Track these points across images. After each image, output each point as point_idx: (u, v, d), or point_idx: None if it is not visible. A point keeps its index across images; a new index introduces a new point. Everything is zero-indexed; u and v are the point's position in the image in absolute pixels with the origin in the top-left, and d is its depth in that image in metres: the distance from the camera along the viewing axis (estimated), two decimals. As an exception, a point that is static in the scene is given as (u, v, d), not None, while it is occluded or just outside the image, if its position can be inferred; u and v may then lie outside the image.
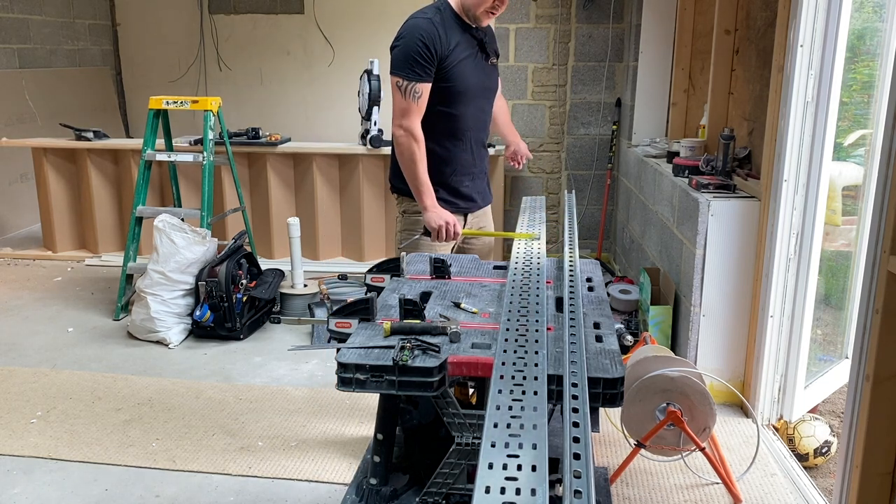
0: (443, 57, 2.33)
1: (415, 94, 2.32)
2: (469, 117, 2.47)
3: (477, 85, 2.46)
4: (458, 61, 2.37)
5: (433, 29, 2.30)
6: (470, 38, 2.42)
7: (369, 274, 2.15)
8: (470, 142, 2.52)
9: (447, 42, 2.33)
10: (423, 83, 2.32)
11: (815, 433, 2.73)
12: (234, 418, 3.00)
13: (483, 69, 2.48)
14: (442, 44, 2.31)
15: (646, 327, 3.41)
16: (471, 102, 2.46)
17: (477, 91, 2.46)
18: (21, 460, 2.69)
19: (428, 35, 2.29)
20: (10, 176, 5.84)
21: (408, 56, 2.29)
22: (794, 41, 2.55)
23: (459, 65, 2.37)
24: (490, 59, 2.52)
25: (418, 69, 2.30)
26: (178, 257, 3.74)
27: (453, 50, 2.35)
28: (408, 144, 2.36)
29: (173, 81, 6.71)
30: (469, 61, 2.41)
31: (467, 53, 2.40)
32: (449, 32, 2.35)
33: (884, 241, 1.62)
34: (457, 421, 1.56)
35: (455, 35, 2.37)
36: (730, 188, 3.00)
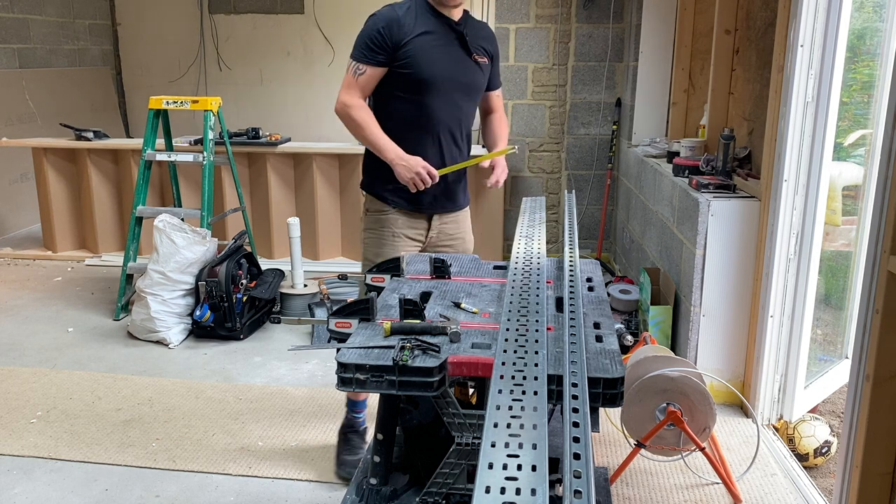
0: (401, 43, 2.30)
1: (357, 70, 2.33)
2: (438, 110, 2.38)
3: (447, 76, 2.37)
4: (423, 48, 2.32)
5: (393, 15, 2.31)
6: (447, 29, 2.37)
7: (369, 274, 2.15)
8: (438, 137, 2.42)
9: (410, 29, 2.30)
10: (368, 65, 2.32)
11: (815, 433, 2.73)
12: (234, 418, 3.00)
13: (459, 62, 2.40)
14: (402, 30, 2.29)
15: (646, 327, 3.41)
16: (439, 94, 2.37)
17: (447, 83, 2.37)
18: (21, 460, 2.69)
19: (384, 21, 2.30)
20: (10, 176, 5.84)
21: (361, 40, 2.33)
22: (794, 41, 2.55)
23: (423, 52, 2.32)
24: (473, 55, 2.42)
25: (366, 51, 2.31)
26: (178, 257, 3.74)
27: (417, 36, 2.31)
28: (346, 113, 2.35)
29: (173, 81, 6.71)
30: (438, 50, 2.35)
31: (437, 43, 2.34)
32: (416, 20, 2.32)
33: (884, 241, 1.62)
34: (457, 421, 1.56)
35: (425, 23, 2.33)
36: (730, 188, 3.00)
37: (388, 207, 2.46)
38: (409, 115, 2.39)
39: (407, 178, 2.32)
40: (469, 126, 2.53)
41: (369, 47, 2.31)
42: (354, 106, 2.34)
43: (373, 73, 2.34)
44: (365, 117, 2.35)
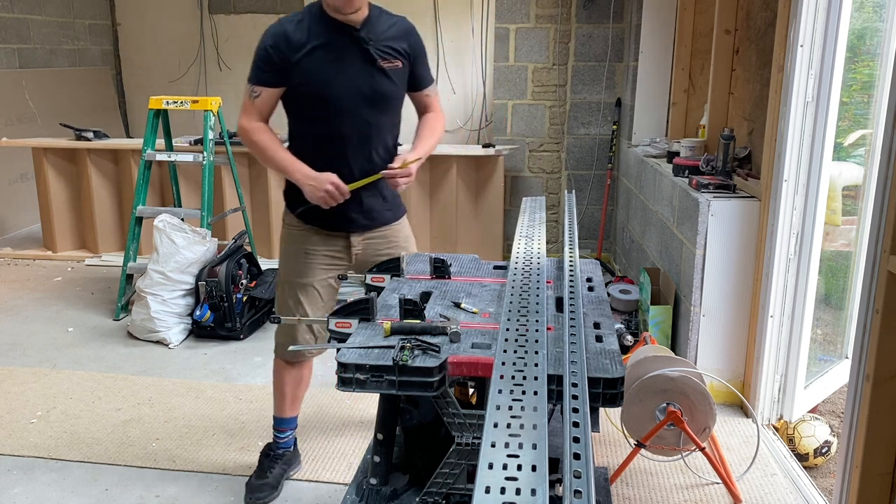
0: (293, 60, 2.14)
1: (252, 93, 2.21)
2: (344, 127, 2.22)
3: (348, 91, 2.18)
4: (317, 64, 2.15)
5: (281, 31, 2.15)
6: (345, 37, 2.16)
7: (369, 274, 2.15)
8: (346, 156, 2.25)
9: (301, 44, 2.13)
10: (261, 86, 2.19)
11: (815, 433, 2.73)
12: (234, 418, 3.00)
13: (361, 73, 2.19)
14: (291, 46, 2.13)
15: (646, 327, 3.41)
16: (343, 110, 2.20)
17: (350, 97, 2.19)
18: (21, 460, 2.69)
19: (271, 38, 2.15)
20: (10, 176, 5.84)
21: (253, 61, 2.20)
22: (794, 41, 2.55)
23: (318, 67, 2.16)
24: (378, 61, 2.20)
25: (258, 72, 2.18)
26: (178, 257, 3.74)
27: (310, 52, 2.14)
28: (246, 137, 2.23)
29: (173, 81, 6.71)
30: (335, 64, 2.16)
31: (334, 55, 2.16)
32: (309, 33, 2.14)
33: (884, 241, 1.62)
34: (457, 421, 1.56)
35: (319, 35, 2.15)
36: (730, 188, 3.00)
37: (303, 224, 2.33)
38: (316, 136, 2.25)
39: (317, 196, 2.16)
40: (389, 139, 2.34)
41: (260, 68, 2.18)
42: (253, 129, 2.21)
43: (269, 94, 2.20)
44: (265, 140, 2.22)
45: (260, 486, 2.45)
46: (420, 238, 5.09)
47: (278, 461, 2.52)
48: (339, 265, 2.38)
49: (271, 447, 2.55)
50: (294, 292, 2.36)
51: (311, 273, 2.35)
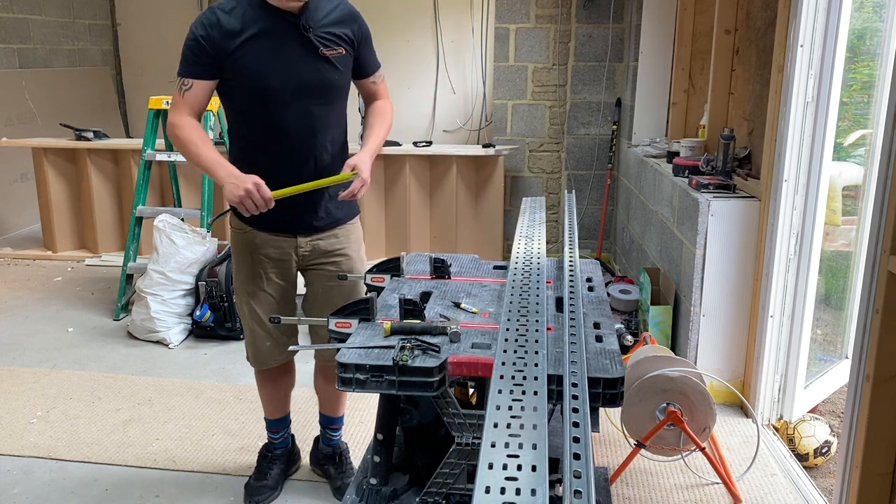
0: (227, 51, 2.00)
1: (183, 86, 2.05)
2: (285, 121, 2.08)
3: (288, 82, 2.05)
4: (254, 54, 2.02)
5: (212, 19, 2.01)
6: (284, 24, 2.03)
7: (369, 274, 2.15)
8: (291, 153, 2.12)
9: (235, 32, 2.00)
10: (192, 79, 2.04)
11: (815, 433, 2.73)
12: (234, 418, 3.00)
13: (302, 62, 2.06)
14: (224, 35, 1.99)
15: (646, 327, 3.41)
16: (284, 104, 2.07)
17: (290, 89, 2.06)
18: (21, 460, 2.69)
19: (202, 27, 2.01)
20: (10, 176, 5.84)
21: (183, 51, 2.05)
22: (794, 41, 2.55)
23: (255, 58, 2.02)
24: (320, 49, 2.07)
25: (187, 65, 2.04)
26: (178, 257, 3.75)
27: (246, 41, 2.01)
28: (173, 133, 2.07)
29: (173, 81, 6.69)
30: (273, 53, 2.03)
31: (271, 44, 2.03)
32: (244, 20, 2.01)
33: (884, 241, 1.62)
34: (457, 421, 1.56)
35: (255, 23, 2.01)
36: (730, 188, 3.00)
37: (247, 226, 2.20)
38: (256, 132, 2.11)
39: (235, 197, 1.94)
40: (337, 132, 2.20)
41: (190, 59, 2.03)
42: (182, 125, 2.04)
43: (201, 87, 2.05)
44: (192, 135, 2.04)
45: (259, 487, 2.45)
46: (420, 238, 5.10)
47: (276, 461, 2.52)
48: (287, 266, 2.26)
49: (268, 448, 2.55)
50: (247, 299, 2.26)
51: (261, 278, 2.23)
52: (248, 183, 1.93)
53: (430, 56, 6.13)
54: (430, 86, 6.14)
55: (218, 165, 2.01)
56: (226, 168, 2.00)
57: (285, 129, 2.09)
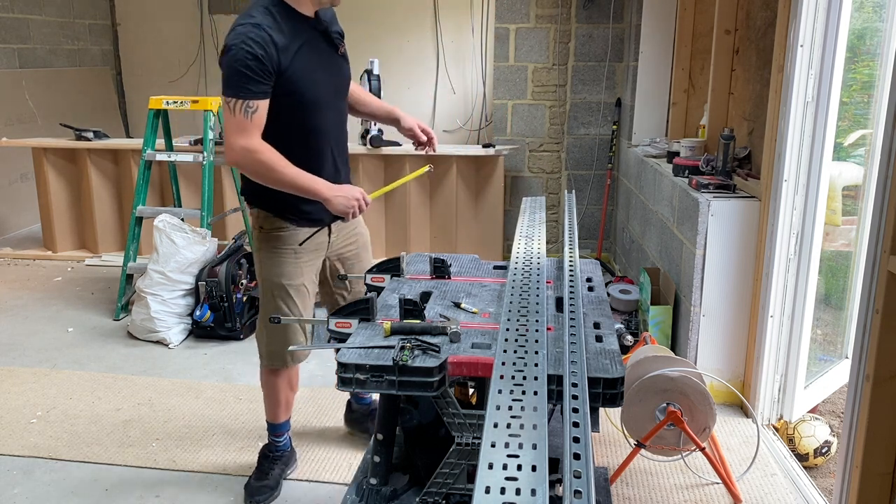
0: (283, 68, 2.01)
1: (248, 109, 1.99)
2: (326, 124, 2.19)
3: (330, 88, 2.17)
4: (304, 67, 2.06)
5: (265, 37, 1.96)
6: (312, 31, 2.10)
7: (369, 274, 2.15)
8: (332, 154, 2.23)
9: (287, 49, 2.01)
10: (258, 100, 2.00)
11: (815, 433, 2.73)
12: (234, 418, 3.00)
13: (333, 65, 2.18)
14: (280, 52, 1.99)
15: (646, 327, 3.41)
16: (328, 110, 2.17)
17: (331, 95, 2.18)
18: (21, 460, 2.69)
19: (260, 46, 1.95)
20: (10, 176, 5.84)
21: (238, 73, 1.96)
22: (794, 41, 2.55)
23: (305, 71, 2.07)
24: (339, 49, 2.19)
25: (252, 85, 1.98)
26: (178, 257, 3.74)
27: (296, 55, 2.04)
28: (254, 159, 2.02)
29: (173, 81, 6.70)
30: (317, 63, 2.10)
31: (312, 53, 2.09)
32: (287, 36, 2.02)
33: (884, 241, 1.62)
34: (457, 421, 1.56)
35: (294, 35, 2.04)
36: (730, 188, 3.00)
37: (290, 225, 2.25)
38: (297, 139, 2.15)
39: (346, 209, 2.10)
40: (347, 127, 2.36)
41: (252, 80, 1.97)
42: (261, 150, 2.02)
43: (264, 107, 2.02)
44: (276, 158, 2.04)
45: (259, 487, 2.45)
46: (420, 238, 5.10)
47: (277, 462, 2.53)
48: (319, 256, 2.36)
49: (270, 449, 2.56)
50: (288, 294, 2.29)
51: (301, 273, 2.30)
52: (357, 193, 2.11)
53: (430, 56, 6.13)
54: (430, 86, 6.14)
55: (315, 182, 2.08)
56: (324, 183, 2.09)
57: (324, 129, 2.19)
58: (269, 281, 2.30)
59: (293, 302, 2.31)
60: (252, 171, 2.08)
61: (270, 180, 2.07)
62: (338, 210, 2.11)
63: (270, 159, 2.03)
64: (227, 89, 1.99)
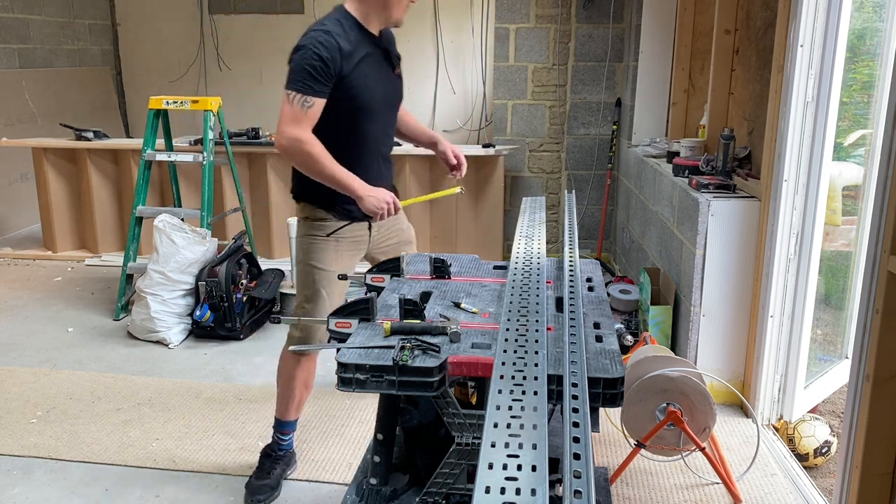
0: (344, 73, 2.18)
1: (305, 103, 2.16)
2: (375, 132, 2.36)
3: (383, 100, 2.35)
4: (364, 77, 2.23)
5: (334, 44, 2.14)
6: (375, 47, 2.29)
7: (369, 274, 2.15)
8: (378, 160, 2.41)
9: (350, 57, 2.18)
10: (316, 97, 2.16)
11: (815, 433, 2.73)
12: (234, 418, 3.00)
13: (389, 81, 2.37)
14: (343, 59, 2.16)
15: (646, 327, 3.41)
16: (378, 119, 2.35)
17: (384, 106, 2.36)
18: (21, 460, 2.69)
19: (326, 51, 2.13)
20: (10, 176, 5.84)
21: (303, 70, 2.14)
22: (794, 41, 2.55)
23: (365, 80, 2.24)
24: (395, 69, 2.41)
25: (313, 83, 2.15)
26: (178, 257, 3.74)
27: (357, 65, 2.21)
28: (300, 149, 2.17)
29: (173, 81, 6.70)
30: (375, 75, 2.28)
31: (372, 66, 2.27)
32: (353, 46, 2.20)
33: (884, 241, 1.62)
34: (457, 421, 1.56)
35: (360, 47, 2.22)
36: (730, 188, 3.00)
37: (331, 217, 2.38)
38: (347, 142, 2.29)
39: (375, 210, 2.26)
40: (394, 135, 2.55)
41: (315, 79, 2.14)
42: (310, 142, 2.18)
43: (319, 105, 2.19)
44: (321, 152, 2.19)
45: (260, 486, 2.46)
46: (420, 238, 5.09)
47: (279, 462, 2.53)
48: (361, 250, 2.50)
49: (273, 448, 2.56)
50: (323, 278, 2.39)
51: (338, 261, 2.41)
52: (389, 197, 2.28)
53: (430, 56, 6.13)
54: (430, 86, 6.14)
55: (352, 180, 2.23)
56: (360, 182, 2.25)
57: (373, 136, 2.35)
58: (306, 265, 2.41)
59: (330, 284, 2.40)
60: (297, 159, 2.22)
61: (312, 171, 2.22)
62: (368, 209, 2.26)
63: (315, 151, 2.18)
64: (291, 83, 2.16)
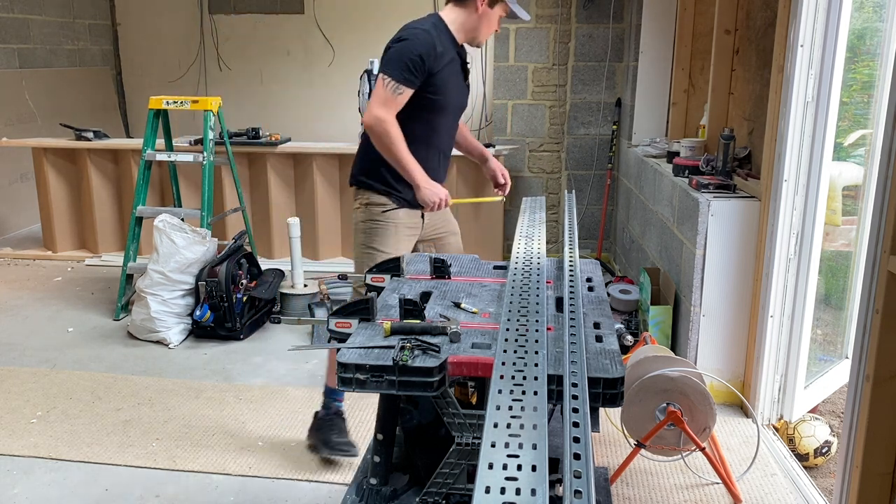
0: (433, 71, 2.41)
1: (397, 90, 2.39)
2: (444, 129, 2.62)
3: (455, 102, 2.60)
4: (448, 77, 2.48)
5: (431, 42, 2.39)
6: (456, 56, 2.54)
7: (369, 274, 2.15)
8: (439, 152, 2.64)
9: (440, 57, 2.42)
10: (407, 87, 2.39)
11: (815, 433, 2.73)
12: (234, 418, 3.00)
13: (460, 88, 2.61)
14: (436, 58, 2.40)
15: (646, 327, 3.41)
16: (448, 116, 2.60)
17: (454, 107, 2.62)
18: (21, 460, 2.69)
19: (424, 47, 2.37)
20: (10, 176, 5.84)
21: (401, 59, 2.37)
22: (794, 41, 2.55)
23: (447, 81, 2.48)
24: (466, 79, 2.65)
25: (407, 74, 2.37)
26: (178, 257, 3.74)
27: (444, 66, 2.45)
28: (382, 128, 2.39)
29: (173, 81, 6.70)
30: (454, 79, 2.53)
31: (452, 70, 2.52)
32: (444, 49, 2.44)
33: (884, 241, 1.62)
34: (457, 421, 1.56)
35: (448, 51, 2.47)
36: (730, 188, 3.00)
37: (391, 203, 2.57)
38: (422, 134, 2.53)
39: (430, 201, 2.51)
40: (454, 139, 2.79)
41: (411, 70, 2.38)
42: (392, 122, 2.40)
43: (408, 95, 2.42)
44: (398, 135, 2.42)
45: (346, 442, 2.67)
46: (420, 238, 5.10)
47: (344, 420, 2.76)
48: (414, 237, 2.69)
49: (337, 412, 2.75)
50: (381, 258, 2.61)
51: (398, 244, 2.60)
52: (443, 193, 2.54)
53: (430, 56, 6.12)
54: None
55: (417, 168, 2.46)
56: (422, 174, 2.48)
57: (441, 131, 2.60)
58: (368, 248, 2.61)
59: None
60: (377, 137, 2.43)
61: (387, 150, 2.44)
62: (423, 199, 2.51)
63: (394, 133, 2.41)
64: (387, 69, 2.39)
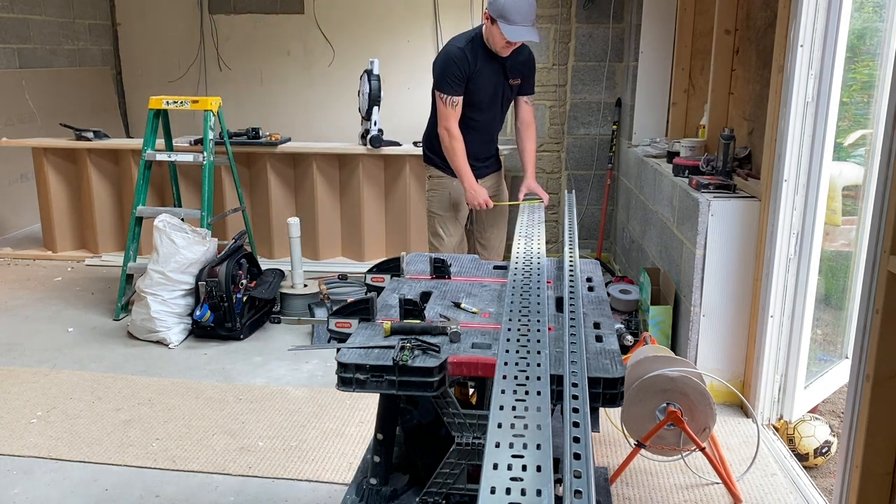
0: (469, 77, 3.16)
1: (452, 103, 3.18)
2: (484, 119, 3.34)
3: (491, 97, 3.28)
4: (478, 80, 3.19)
5: (463, 56, 3.14)
6: (495, 61, 3.20)
7: (369, 274, 2.15)
8: (482, 134, 3.37)
9: (472, 66, 3.15)
10: (457, 96, 3.18)
11: (816, 433, 2.73)
12: (234, 418, 3.00)
13: (501, 85, 3.27)
14: (469, 67, 3.15)
15: (646, 327, 3.41)
16: (486, 109, 3.30)
17: (491, 102, 3.29)
18: (21, 460, 2.69)
19: (458, 61, 3.14)
20: (10, 176, 5.84)
21: (445, 76, 3.15)
22: (794, 41, 2.55)
23: (480, 83, 3.20)
24: (510, 79, 3.29)
25: (454, 85, 3.15)
26: (178, 257, 3.74)
27: (476, 72, 3.17)
28: (449, 141, 3.21)
29: (173, 81, 6.70)
30: (487, 80, 3.21)
31: (487, 74, 3.20)
32: (476, 59, 3.15)
33: (884, 241, 1.62)
34: (457, 421, 1.56)
35: (479, 61, 3.17)
36: (730, 188, 3.00)
37: (447, 176, 3.37)
38: (467, 123, 3.27)
39: (472, 202, 3.29)
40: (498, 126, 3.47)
41: (456, 82, 3.15)
42: (458, 136, 3.22)
43: (460, 101, 3.19)
44: (458, 145, 3.22)
45: None
46: (420, 238, 5.09)
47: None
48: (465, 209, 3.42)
49: None
50: (444, 220, 3.44)
51: (451, 208, 3.41)
52: (482, 198, 3.28)
53: (431, 56, 6.09)
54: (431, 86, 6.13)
55: (468, 174, 3.27)
56: (472, 179, 3.27)
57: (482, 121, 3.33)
58: (430, 212, 3.49)
59: (446, 226, 3.44)
60: (446, 146, 3.24)
61: (449, 156, 3.26)
62: (467, 199, 3.31)
63: (456, 145, 3.23)
64: (440, 87, 3.19)
